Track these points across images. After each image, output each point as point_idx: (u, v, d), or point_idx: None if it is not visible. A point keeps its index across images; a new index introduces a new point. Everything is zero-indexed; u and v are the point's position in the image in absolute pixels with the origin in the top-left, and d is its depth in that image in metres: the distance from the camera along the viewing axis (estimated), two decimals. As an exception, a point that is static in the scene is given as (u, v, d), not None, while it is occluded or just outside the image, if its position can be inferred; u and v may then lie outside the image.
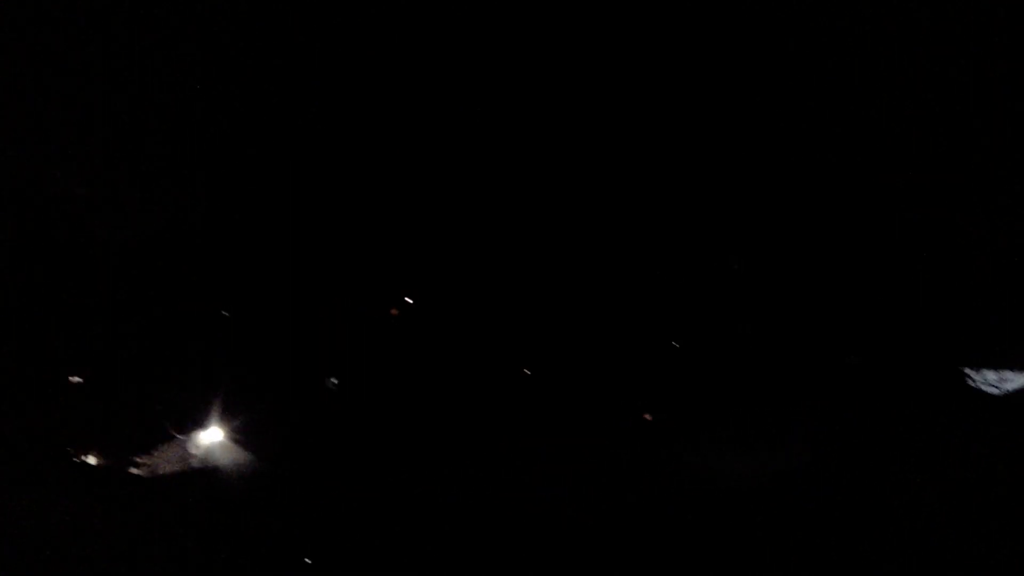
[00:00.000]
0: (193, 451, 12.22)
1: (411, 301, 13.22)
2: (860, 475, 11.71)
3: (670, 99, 12.31)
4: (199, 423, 12.75)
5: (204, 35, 12.22)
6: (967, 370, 11.37)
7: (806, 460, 12.11)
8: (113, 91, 12.54)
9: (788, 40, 12.08)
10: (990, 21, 11.65)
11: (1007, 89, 12.20)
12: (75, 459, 11.88)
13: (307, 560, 10.66)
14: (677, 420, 12.48)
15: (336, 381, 12.91)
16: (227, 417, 13.06)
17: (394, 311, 13.26)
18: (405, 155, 13.11)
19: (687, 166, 11.93)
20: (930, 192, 11.54)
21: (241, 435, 12.88)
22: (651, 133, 12.22)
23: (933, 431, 11.37)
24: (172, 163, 12.54)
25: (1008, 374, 11.77)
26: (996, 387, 11.46)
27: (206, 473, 12.35)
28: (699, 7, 12.05)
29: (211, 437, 12.33)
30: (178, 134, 12.62)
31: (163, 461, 12.26)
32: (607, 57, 12.65)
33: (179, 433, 11.95)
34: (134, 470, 11.91)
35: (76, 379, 11.96)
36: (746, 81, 12.36)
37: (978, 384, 11.43)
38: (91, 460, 11.68)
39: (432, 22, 12.23)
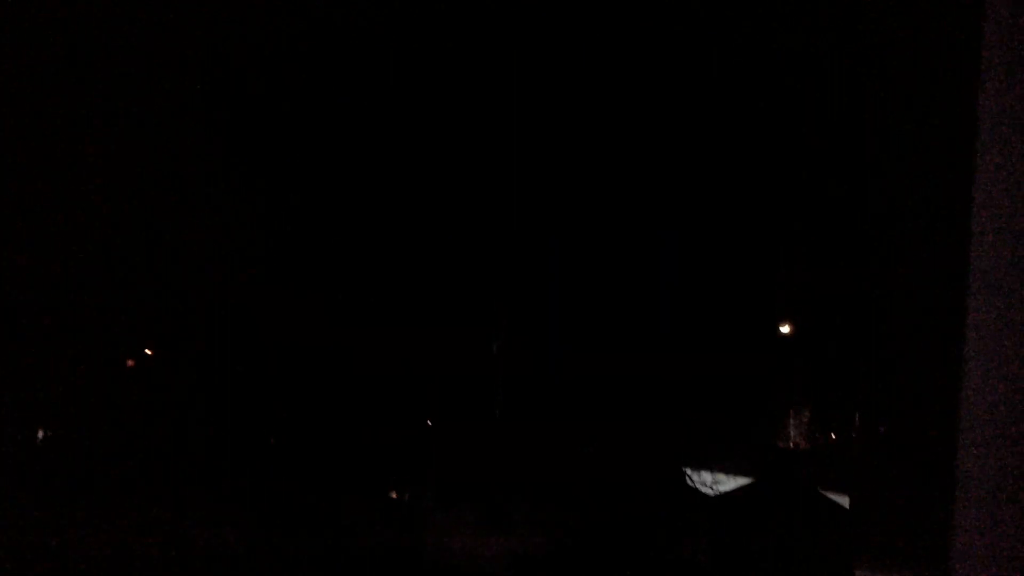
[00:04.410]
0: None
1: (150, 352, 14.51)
2: (593, 558, 12.98)
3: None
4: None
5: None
6: (687, 471, 13.16)
7: (539, 544, 13.30)
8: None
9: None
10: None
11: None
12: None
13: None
14: (421, 500, 13.60)
15: None
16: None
17: (130, 362, 14.51)
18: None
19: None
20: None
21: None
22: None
23: (655, 523, 12.90)
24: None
25: (721, 477, 13.57)
26: (711, 488, 13.23)
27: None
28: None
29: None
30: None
31: None
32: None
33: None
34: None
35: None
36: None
37: (696, 484, 13.19)
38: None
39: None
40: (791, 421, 17.15)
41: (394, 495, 14.57)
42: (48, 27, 13.09)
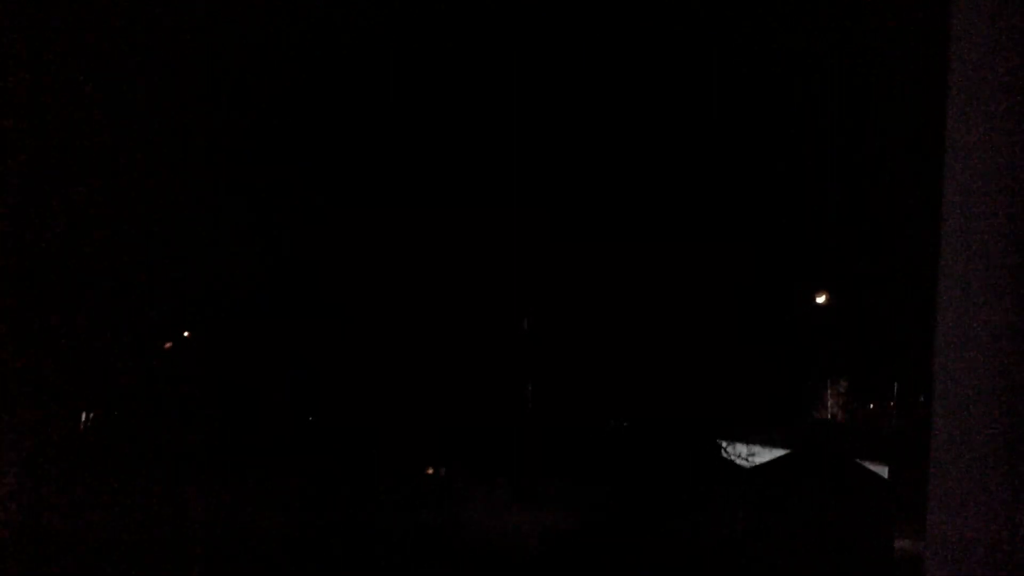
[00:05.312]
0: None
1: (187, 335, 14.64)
2: (625, 532, 12.96)
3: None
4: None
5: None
6: (723, 444, 13.12)
7: (572, 520, 13.28)
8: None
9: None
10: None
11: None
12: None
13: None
14: (456, 476, 13.64)
15: None
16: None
17: (168, 345, 14.63)
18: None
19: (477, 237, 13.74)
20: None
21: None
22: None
23: (693, 495, 12.86)
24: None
25: (756, 448, 13.51)
26: (746, 459, 13.19)
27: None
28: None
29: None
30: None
31: None
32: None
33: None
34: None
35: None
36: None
37: (731, 456, 13.14)
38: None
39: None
40: (828, 392, 17.07)
41: (430, 471, 14.66)
42: (55, 29, 13.15)
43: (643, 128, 14.32)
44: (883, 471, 15.55)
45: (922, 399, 16.98)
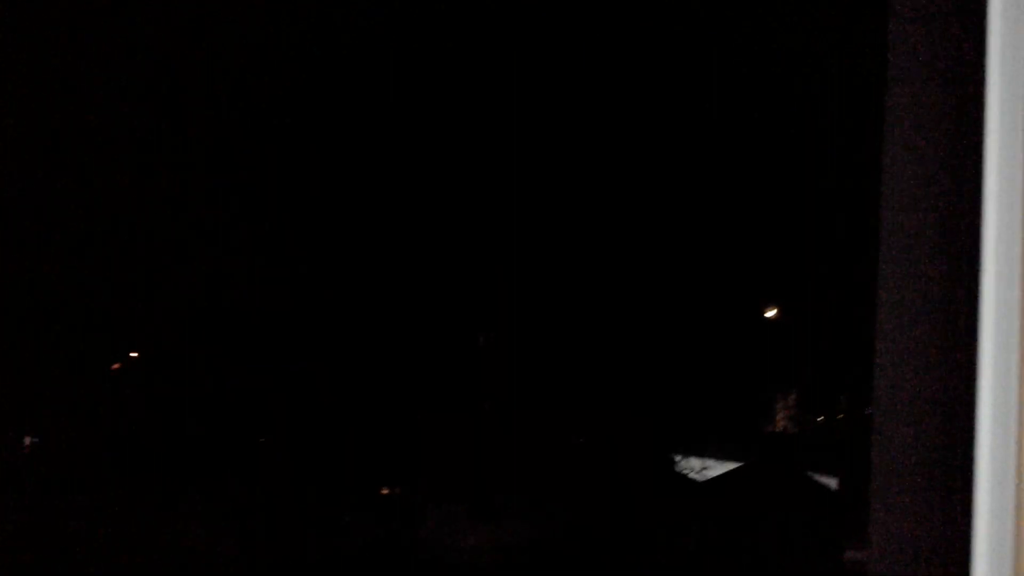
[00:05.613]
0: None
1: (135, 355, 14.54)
2: (578, 549, 13.05)
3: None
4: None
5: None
6: (675, 458, 13.22)
7: (529, 535, 13.36)
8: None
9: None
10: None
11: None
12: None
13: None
14: (411, 495, 13.65)
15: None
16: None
17: (116, 365, 14.54)
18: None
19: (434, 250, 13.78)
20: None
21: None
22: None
23: (644, 509, 12.97)
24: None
25: (710, 462, 13.65)
26: (698, 474, 13.30)
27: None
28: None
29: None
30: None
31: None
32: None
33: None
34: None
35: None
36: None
37: (684, 470, 13.25)
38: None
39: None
40: (778, 405, 17.24)
41: (385, 491, 14.63)
42: (50, 27, 13.05)
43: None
44: (832, 483, 15.74)
45: (868, 411, 17.19)
